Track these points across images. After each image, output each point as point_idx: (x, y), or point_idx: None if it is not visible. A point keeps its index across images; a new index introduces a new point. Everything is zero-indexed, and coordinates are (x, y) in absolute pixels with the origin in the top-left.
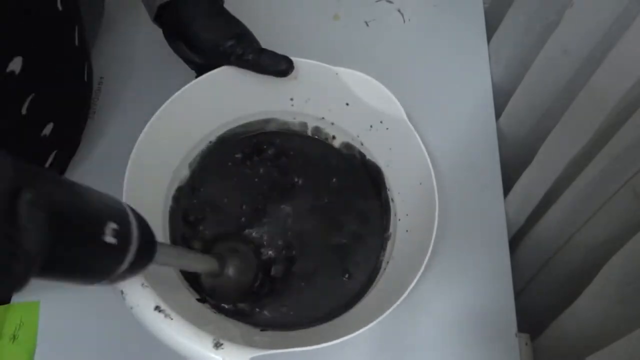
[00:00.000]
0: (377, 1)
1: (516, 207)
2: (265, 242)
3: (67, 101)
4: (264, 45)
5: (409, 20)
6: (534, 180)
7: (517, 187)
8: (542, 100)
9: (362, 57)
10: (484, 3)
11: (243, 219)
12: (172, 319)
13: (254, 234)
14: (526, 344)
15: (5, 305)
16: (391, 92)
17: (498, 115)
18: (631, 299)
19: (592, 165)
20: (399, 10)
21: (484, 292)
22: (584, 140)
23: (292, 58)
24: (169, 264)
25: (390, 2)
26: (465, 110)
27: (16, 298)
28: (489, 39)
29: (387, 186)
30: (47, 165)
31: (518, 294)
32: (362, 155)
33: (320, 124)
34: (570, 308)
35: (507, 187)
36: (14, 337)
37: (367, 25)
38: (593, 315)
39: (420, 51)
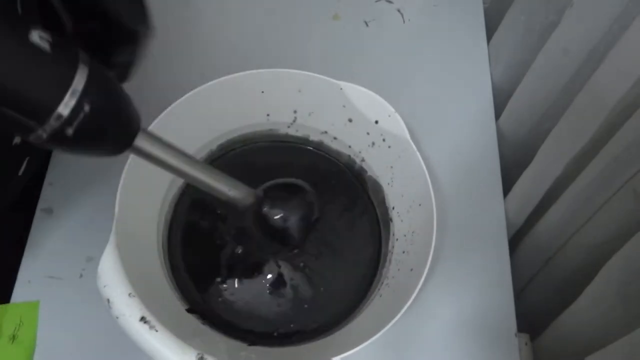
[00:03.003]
0: (377, 1)
1: (516, 207)
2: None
3: None
4: (267, 47)
5: (409, 20)
6: (534, 180)
7: (517, 187)
8: (542, 100)
9: (361, 57)
10: (484, 3)
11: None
12: (157, 331)
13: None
14: (526, 344)
15: (5, 305)
16: (391, 94)
17: (498, 115)
18: (631, 299)
19: (592, 165)
20: (398, 10)
21: (484, 292)
22: (584, 140)
23: (296, 71)
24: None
25: (390, 2)
26: (465, 110)
27: (16, 298)
28: (489, 39)
29: (387, 205)
30: (20, 172)
31: (518, 294)
32: (364, 172)
33: (323, 138)
34: (570, 308)
35: (507, 187)
36: (14, 337)
37: (367, 25)
38: (593, 315)
39: (420, 51)
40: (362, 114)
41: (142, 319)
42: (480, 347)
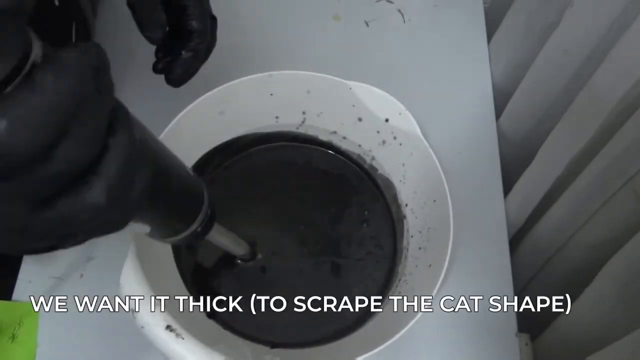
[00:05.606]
0: (377, 1)
1: (516, 207)
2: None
3: None
4: (266, 48)
5: (409, 20)
6: (534, 180)
7: (517, 187)
8: (542, 100)
9: (361, 58)
10: (484, 3)
11: (249, 229)
12: (183, 339)
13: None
14: (526, 344)
15: (6, 304)
16: (392, 94)
17: (498, 115)
18: (631, 299)
19: (592, 165)
20: (399, 10)
21: (484, 292)
22: (584, 140)
23: (305, 72)
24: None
25: (390, 2)
26: (465, 110)
27: (17, 298)
28: (489, 39)
29: (400, 202)
30: None
31: (518, 294)
32: (374, 170)
33: (332, 138)
34: (570, 308)
35: (507, 187)
36: (14, 337)
37: (367, 25)
38: (593, 315)
39: (420, 51)
40: (372, 113)
41: (168, 327)
42: (480, 347)
